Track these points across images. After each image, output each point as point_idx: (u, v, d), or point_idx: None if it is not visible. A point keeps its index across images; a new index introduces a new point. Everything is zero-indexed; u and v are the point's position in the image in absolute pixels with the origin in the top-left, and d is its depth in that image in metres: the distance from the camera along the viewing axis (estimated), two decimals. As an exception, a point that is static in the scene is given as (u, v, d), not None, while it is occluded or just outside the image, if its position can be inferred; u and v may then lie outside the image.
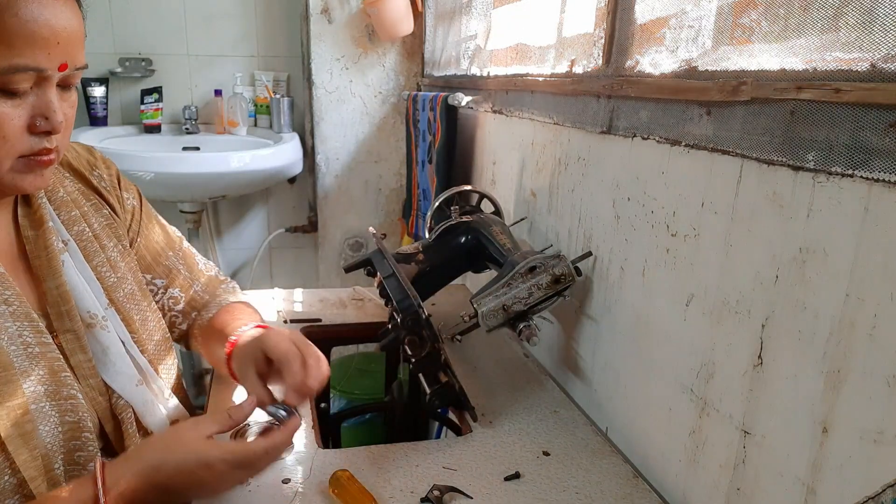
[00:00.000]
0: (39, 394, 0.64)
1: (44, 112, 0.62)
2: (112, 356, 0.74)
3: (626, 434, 0.85)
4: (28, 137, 0.62)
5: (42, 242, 0.71)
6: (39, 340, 0.66)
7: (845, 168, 0.50)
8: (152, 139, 2.02)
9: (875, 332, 0.48)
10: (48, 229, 0.71)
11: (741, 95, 0.60)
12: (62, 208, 0.76)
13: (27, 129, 0.62)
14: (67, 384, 0.67)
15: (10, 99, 0.59)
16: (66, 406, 0.66)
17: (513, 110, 1.21)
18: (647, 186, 0.78)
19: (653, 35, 0.79)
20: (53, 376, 0.66)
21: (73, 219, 0.76)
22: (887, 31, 0.47)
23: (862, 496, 0.48)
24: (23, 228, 0.71)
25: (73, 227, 0.76)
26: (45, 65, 0.59)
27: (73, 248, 0.74)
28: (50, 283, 0.70)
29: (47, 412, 0.65)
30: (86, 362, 0.71)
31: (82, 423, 0.67)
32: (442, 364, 0.85)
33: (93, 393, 0.71)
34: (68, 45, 0.61)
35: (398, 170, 2.09)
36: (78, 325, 0.71)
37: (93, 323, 0.73)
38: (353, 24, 1.93)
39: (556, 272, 0.86)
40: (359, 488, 0.70)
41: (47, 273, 0.70)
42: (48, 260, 0.71)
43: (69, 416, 0.67)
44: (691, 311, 0.70)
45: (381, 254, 0.99)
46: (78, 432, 0.67)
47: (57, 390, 0.66)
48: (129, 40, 2.00)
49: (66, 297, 0.71)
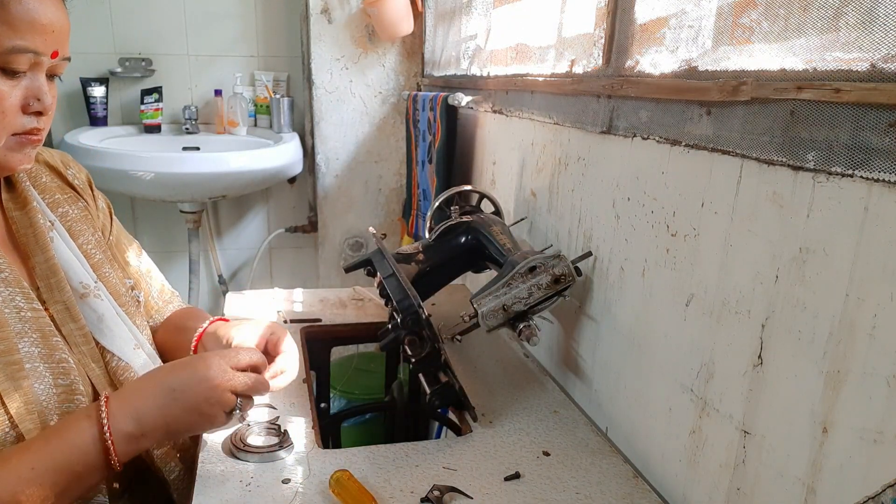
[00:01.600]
0: (34, 355, 0.68)
1: (36, 94, 0.68)
2: (108, 322, 0.78)
3: (626, 434, 0.85)
4: (21, 116, 0.68)
5: (28, 220, 0.75)
6: (31, 307, 0.70)
7: (845, 168, 0.50)
8: (152, 139, 2.02)
9: (875, 332, 0.48)
10: (33, 209, 0.76)
11: (741, 95, 0.60)
12: (45, 192, 0.81)
13: (21, 109, 0.68)
14: (59, 348, 0.70)
15: (10, 79, 0.65)
16: (59, 369, 0.70)
17: (513, 110, 1.21)
18: (647, 186, 0.78)
19: (653, 35, 0.79)
20: (45, 340, 0.70)
21: (56, 202, 0.81)
22: (887, 31, 0.47)
23: (862, 496, 0.48)
24: (8, 210, 0.75)
25: (57, 209, 0.81)
26: (41, 49, 0.66)
27: (58, 227, 0.79)
28: (39, 258, 0.74)
29: (41, 372, 0.68)
30: (77, 331, 0.74)
31: (74, 385, 0.70)
32: (442, 364, 0.85)
33: (85, 360, 0.74)
34: (60, 36, 0.68)
35: (398, 170, 2.09)
36: (68, 297, 0.74)
37: (86, 293, 0.77)
38: (353, 24, 1.93)
39: (556, 272, 0.86)
40: (359, 488, 0.70)
41: (35, 248, 0.74)
42: (35, 236, 0.75)
43: (61, 380, 0.70)
44: (691, 311, 0.70)
45: (381, 254, 0.99)
46: (70, 395, 0.70)
47: (49, 353, 0.69)
48: (129, 40, 2.00)
49: (55, 269, 0.74)
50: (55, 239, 0.77)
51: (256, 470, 0.74)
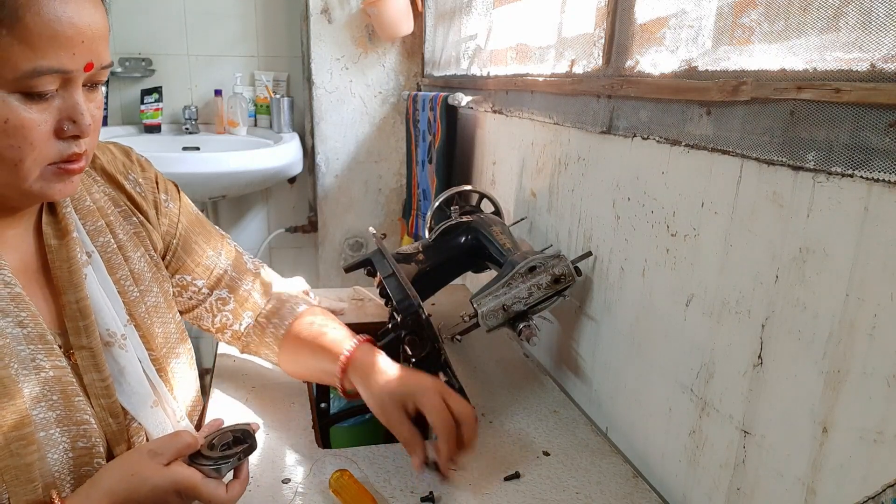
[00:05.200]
0: (49, 420, 0.62)
1: (71, 115, 0.59)
2: (128, 376, 0.71)
3: (626, 434, 0.85)
4: (56, 143, 0.59)
5: (65, 253, 0.68)
6: (53, 364, 0.63)
7: (845, 168, 0.50)
8: (152, 139, 2.02)
9: (875, 332, 0.48)
10: (73, 239, 0.68)
11: (741, 95, 0.60)
12: (88, 218, 0.72)
13: (54, 135, 0.59)
14: (80, 409, 0.65)
15: (36, 103, 0.57)
16: (79, 432, 0.64)
17: (513, 110, 1.21)
18: (647, 186, 0.78)
19: (653, 35, 0.79)
20: (67, 401, 0.64)
21: (98, 229, 0.73)
22: (887, 31, 0.47)
23: (862, 496, 0.48)
24: (46, 237, 0.68)
25: (98, 238, 0.73)
26: (69, 66, 0.56)
27: (96, 260, 0.71)
28: (70, 297, 0.67)
29: (56, 440, 0.62)
30: (99, 381, 0.68)
31: (95, 449, 0.65)
32: (442, 364, 0.85)
33: (104, 414, 0.68)
34: (93, 44, 0.58)
35: (398, 170, 2.09)
36: (95, 343, 0.68)
37: (111, 342, 0.70)
38: (353, 24, 1.93)
39: (556, 272, 0.86)
40: (359, 488, 0.70)
41: (68, 286, 0.67)
42: (70, 272, 0.68)
43: (81, 442, 0.64)
44: (691, 311, 0.70)
45: (381, 254, 0.99)
46: (89, 458, 0.65)
47: (69, 416, 0.64)
48: (129, 40, 2.00)
49: (87, 311, 0.68)
50: (89, 275, 0.69)
51: (256, 470, 0.74)
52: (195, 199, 1.93)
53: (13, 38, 0.53)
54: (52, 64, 0.55)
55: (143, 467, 0.61)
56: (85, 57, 0.58)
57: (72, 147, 0.60)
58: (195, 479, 0.62)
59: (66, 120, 0.59)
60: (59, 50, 0.55)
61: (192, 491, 0.62)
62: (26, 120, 0.56)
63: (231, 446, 0.66)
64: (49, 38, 0.54)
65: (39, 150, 0.58)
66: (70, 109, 0.59)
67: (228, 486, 0.65)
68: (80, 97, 0.60)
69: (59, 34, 0.55)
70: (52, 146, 0.59)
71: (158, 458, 0.62)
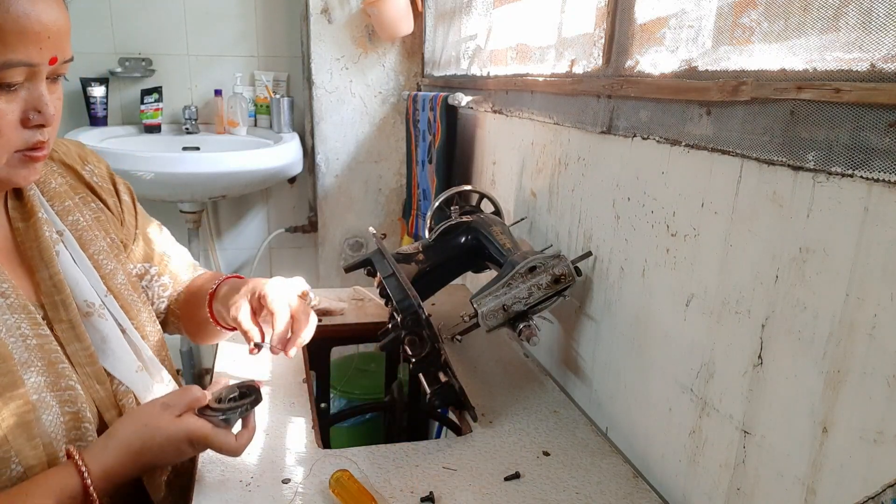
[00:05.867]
0: (40, 384, 0.65)
1: (36, 105, 0.63)
2: (111, 343, 0.75)
3: (626, 434, 0.85)
4: (22, 131, 0.63)
5: (33, 233, 0.72)
6: (37, 332, 0.67)
7: (845, 168, 0.50)
8: (152, 139, 2.02)
9: (875, 332, 0.48)
10: (39, 220, 0.72)
11: (741, 95, 0.60)
12: (56, 199, 0.77)
13: (21, 124, 0.63)
14: (66, 375, 0.68)
15: (3, 94, 0.61)
16: (66, 397, 0.67)
17: (513, 110, 1.21)
18: (647, 186, 0.78)
19: (653, 35, 0.79)
20: (51, 367, 0.67)
21: (67, 209, 0.77)
22: (887, 31, 0.47)
23: (862, 496, 0.48)
24: (13, 220, 0.72)
25: (68, 217, 0.77)
26: (36, 59, 0.61)
27: (68, 237, 0.75)
28: (43, 273, 0.71)
29: (48, 402, 0.65)
30: (82, 350, 0.71)
31: (81, 413, 0.68)
32: (442, 364, 0.85)
33: (90, 381, 0.71)
34: (57, 39, 0.62)
35: (398, 170, 2.09)
36: (74, 315, 0.71)
37: (90, 312, 0.73)
38: (353, 24, 1.93)
39: (556, 272, 0.86)
40: (359, 488, 0.70)
41: (40, 263, 0.71)
42: (39, 250, 0.71)
43: (68, 407, 0.67)
44: (691, 311, 0.70)
45: (381, 254, 0.99)
46: (78, 422, 0.68)
47: (56, 381, 0.67)
48: (129, 40, 2.00)
49: (61, 286, 0.71)
50: (62, 252, 0.73)
51: (256, 470, 0.75)
52: (195, 199, 1.96)
53: None
54: (21, 57, 0.59)
55: (157, 419, 0.67)
56: (50, 51, 0.62)
57: (36, 136, 0.65)
58: (206, 429, 0.68)
59: (32, 110, 0.63)
60: (28, 45, 0.60)
61: (203, 440, 0.68)
62: None
63: (237, 400, 0.71)
64: (18, 34, 0.59)
65: (7, 138, 0.62)
66: (35, 100, 0.63)
67: (237, 435, 0.71)
68: (45, 89, 0.64)
69: (28, 30, 0.59)
70: (19, 135, 0.63)
71: (171, 410, 0.68)
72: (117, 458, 0.65)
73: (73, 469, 0.62)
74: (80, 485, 0.62)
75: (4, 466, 0.61)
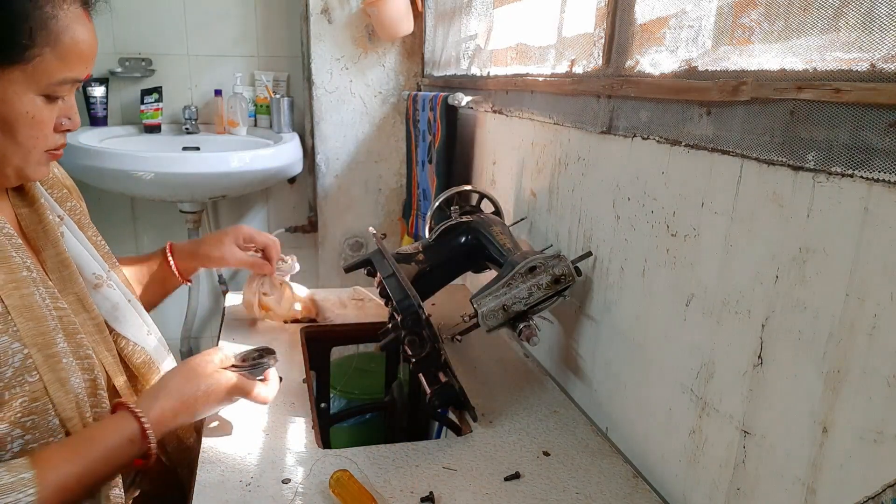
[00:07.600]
0: (66, 350, 0.71)
1: (69, 113, 0.74)
2: (122, 310, 0.84)
3: (626, 434, 0.85)
4: (53, 135, 0.73)
5: (37, 216, 0.78)
6: (56, 305, 0.72)
7: (845, 168, 0.50)
8: (152, 139, 2.02)
9: (875, 332, 0.48)
10: (41, 205, 0.79)
11: (741, 95, 0.60)
12: (53, 188, 0.85)
13: (54, 128, 0.73)
14: (83, 344, 0.74)
15: (51, 104, 0.70)
16: (85, 365, 0.73)
17: (513, 110, 1.21)
18: (647, 186, 0.78)
19: (653, 35, 0.79)
20: (70, 337, 0.73)
21: (63, 196, 0.85)
22: (887, 31, 0.47)
23: (862, 496, 0.48)
24: (16, 206, 0.78)
25: (66, 204, 0.85)
26: (82, 76, 0.71)
27: (67, 221, 0.83)
28: (49, 252, 0.77)
29: (74, 367, 0.71)
30: (90, 320, 0.78)
31: (97, 380, 0.74)
32: (442, 364, 0.85)
33: (99, 348, 0.78)
34: (94, 59, 0.73)
35: (398, 170, 2.09)
36: (80, 288, 0.78)
37: (99, 283, 0.82)
38: (353, 24, 1.93)
39: (556, 272, 0.86)
40: (359, 488, 0.70)
41: (45, 242, 0.77)
42: (45, 231, 0.78)
43: (87, 374, 0.73)
44: (691, 311, 0.70)
45: (381, 254, 0.99)
46: (94, 389, 0.74)
47: (76, 350, 0.73)
48: (129, 40, 2.00)
49: (66, 262, 0.78)
50: (65, 233, 0.81)
51: (256, 470, 0.75)
52: (195, 199, 1.96)
53: (53, 56, 0.67)
54: (76, 76, 0.70)
55: (203, 370, 0.77)
56: (90, 69, 0.73)
57: (63, 138, 0.75)
58: (242, 381, 0.78)
59: (65, 117, 0.74)
60: (80, 63, 0.70)
61: (239, 390, 0.78)
62: (45, 117, 0.70)
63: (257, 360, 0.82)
64: (77, 55, 0.69)
65: (45, 140, 0.72)
66: (69, 109, 0.74)
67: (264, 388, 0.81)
68: (74, 100, 0.74)
69: (84, 53, 0.70)
70: (52, 137, 0.73)
71: (212, 365, 0.78)
72: (170, 403, 0.73)
73: (130, 415, 0.70)
74: (139, 428, 0.69)
75: (43, 417, 0.67)
